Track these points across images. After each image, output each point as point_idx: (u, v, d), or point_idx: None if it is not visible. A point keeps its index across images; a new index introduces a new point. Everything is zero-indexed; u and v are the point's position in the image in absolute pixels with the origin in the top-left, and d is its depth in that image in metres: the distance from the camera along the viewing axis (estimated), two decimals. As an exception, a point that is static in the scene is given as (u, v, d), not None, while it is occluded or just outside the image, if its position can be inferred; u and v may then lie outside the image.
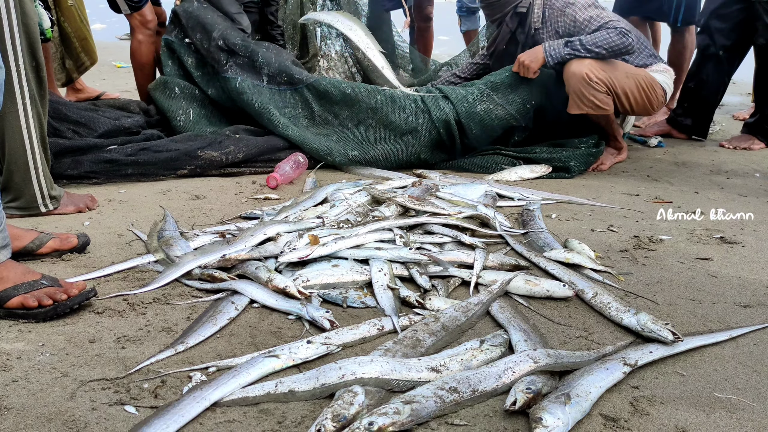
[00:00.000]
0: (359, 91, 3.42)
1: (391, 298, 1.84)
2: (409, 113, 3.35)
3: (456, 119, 3.32)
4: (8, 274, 1.72)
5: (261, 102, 3.45)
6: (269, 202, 2.83)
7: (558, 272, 2.05)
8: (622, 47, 3.16)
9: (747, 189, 3.22)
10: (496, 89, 3.40)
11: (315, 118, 3.49)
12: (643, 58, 3.46)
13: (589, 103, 3.24)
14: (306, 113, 3.51)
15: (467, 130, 3.35)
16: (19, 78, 2.31)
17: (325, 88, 3.45)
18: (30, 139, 2.40)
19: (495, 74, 3.48)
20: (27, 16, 2.31)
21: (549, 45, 3.26)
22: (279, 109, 3.46)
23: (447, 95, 3.39)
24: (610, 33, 3.14)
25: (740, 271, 2.16)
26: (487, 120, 3.36)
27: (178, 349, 1.57)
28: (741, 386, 1.49)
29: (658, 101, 3.43)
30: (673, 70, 3.56)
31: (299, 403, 1.39)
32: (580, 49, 3.18)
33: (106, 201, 2.78)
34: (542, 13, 3.41)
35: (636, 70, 3.35)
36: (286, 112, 3.47)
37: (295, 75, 3.51)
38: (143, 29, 3.95)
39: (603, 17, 3.20)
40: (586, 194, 3.04)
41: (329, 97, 3.45)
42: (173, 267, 2.01)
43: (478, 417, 1.35)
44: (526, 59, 3.30)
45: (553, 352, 1.52)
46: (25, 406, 1.35)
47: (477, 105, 3.35)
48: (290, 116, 3.48)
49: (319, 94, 3.47)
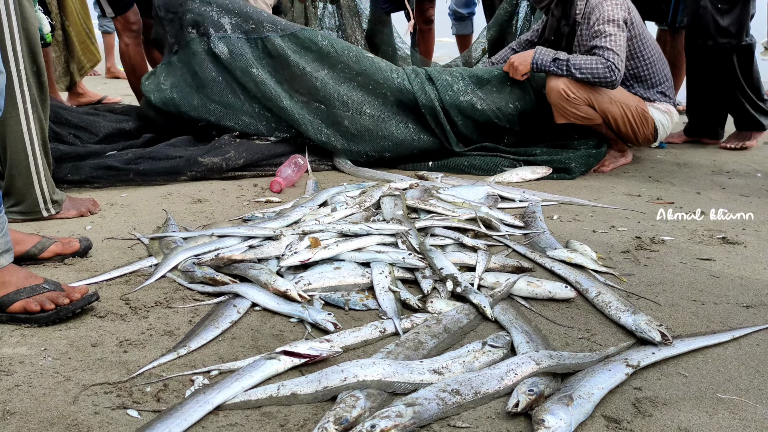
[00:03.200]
0: (343, 53, 3.36)
1: (392, 300, 1.84)
2: (396, 93, 3.35)
3: (441, 106, 3.33)
4: (10, 279, 1.73)
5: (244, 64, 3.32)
6: (271, 204, 2.84)
7: (563, 272, 2.05)
8: (604, 80, 3.14)
9: (749, 189, 3.21)
10: (481, 85, 3.40)
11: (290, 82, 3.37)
12: (652, 92, 3.42)
13: (573, 115, 3.27)
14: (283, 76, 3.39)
15: (453, 119, 3.37)
16: (20, 82, 2.31)
17: (303, 44, 3.35)
18: (32, 144, 2.40)
19: (484, 71, 3.48)
20: (27, 21, 2.32)
21: (540, 52, 3.25)
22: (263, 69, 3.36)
23: (433, 80, 3.37)
24: (598, 63, 3.12)
25: (742, 272, 2.16)
26: (470, 112, 3.38)
27: (180, 353, 1.57)
28: (744, 387, 1.49)
29: (644, 135, 3.40)
30: (677, 113, 3.54)
31: (302, 406, 1.39)
32: (563, 69, 3.18)
33: (108, 205, 2.78)
34: (583, 7, 3.33)
35: (628, 99, 3.32)
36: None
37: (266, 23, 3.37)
38: (128, 32, 3.99)
39: (608, 41, 3.13)
40: (588, 195, 3.04)
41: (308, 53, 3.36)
42: (167, 258, 2.08)
43: (480, 419, 1.35)
44: (516, 60, 3.31)
45: (555, 354, 1.52)
46: (28, 410, 1.35)
47: (460, 96, 3.36)
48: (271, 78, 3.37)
49: (296, 50, 3.35)
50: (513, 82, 3.40)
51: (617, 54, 3.12)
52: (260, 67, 3.33)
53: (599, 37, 3.16)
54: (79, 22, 4.91)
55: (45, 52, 4.19)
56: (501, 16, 4.42)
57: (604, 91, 3.24)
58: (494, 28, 4.44)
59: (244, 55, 3.31)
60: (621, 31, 3.17)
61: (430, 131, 3.41)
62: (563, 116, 3.29)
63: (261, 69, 3.33)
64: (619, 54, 3.12)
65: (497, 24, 4.43)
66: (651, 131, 3.40)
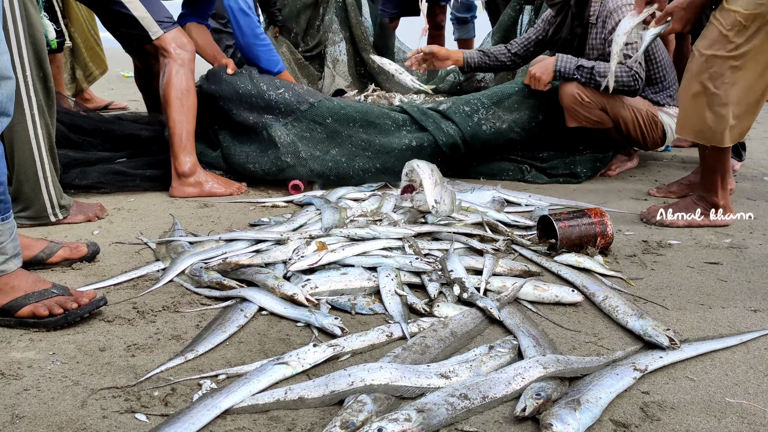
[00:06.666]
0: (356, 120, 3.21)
1: (399, 304, 1.84)
2: (411, 139, 3.21)
3: (462, 139, 3.24)
4: (19, 283, 1.73)
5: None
6: (278, 209, 2.84)
7: (570, 276, 2.06)
8: (628, 88, 3.11)
9: (755, 192, 3.20)
10: (502, 105, 3.30)
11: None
12: (662, 96, 3.41)
13: (585, 119, 3.24)
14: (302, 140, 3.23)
15: (472, 147, 3.29)
16: (27, 89, 2.33)
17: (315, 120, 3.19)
18: (39, 149, 2.42)
19: (503, 88, 3.38)
20: (33, 28, 2.33)
21: (562, 60, 3.20)
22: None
23: (449, 116, 3.25)
24: (624, 71, 3.07)
25: (750, 275, 2.15)
26: (492, 138, 3.28)
27: (188, 357, 1.57)
28: (752, 391, 1.48)
29: (653, 140, 3.38)
30: None
31: (309, 410, 1.39)
32: (587, 77, 3.14)
33: (115, 210, 2.79)
34: (598, 9, 3.29)
35: (638, 103, 3.30)
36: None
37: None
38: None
39: (629, 49, 3.09)
40: (594, 199, 3.03)
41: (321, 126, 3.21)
42: (174, 263, 2.10)
43: (488, 423, 1.34)
44: (537, 71, 3.24)
45: (562, 358, 1.52)
46: (37, 414, 1.35)
47: (482, 125, 3.25)
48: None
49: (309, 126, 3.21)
50: (532, 94, 3.31)
51: (640, 63, 3.10)
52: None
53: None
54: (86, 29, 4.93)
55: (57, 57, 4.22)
56: (505, 21, 4.43)
57: (618, 95, 3.22)
58: (498, 33, 4.45)
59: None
60: (639, 38, 3.15)
61: (443, 155, 3.28)
62: (575, 120, 3.27)
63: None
64: (641, 63, 3.11)
65: (501, 30, 4.43)
66: (660, 135, 3.39)
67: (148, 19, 2.95)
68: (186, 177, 3.00)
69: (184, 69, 2.99)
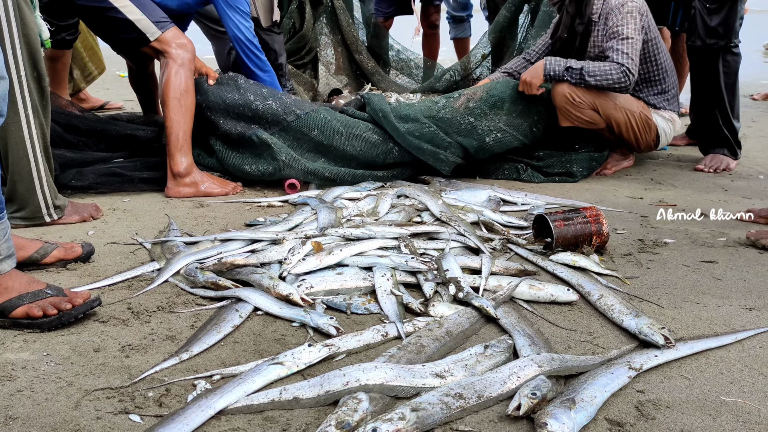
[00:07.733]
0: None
1: (394, 303, 1.84)
2: (395, 159, 3.19)
3: (466, 155, 3.23)
4: (13, 284, 1.73)
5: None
6: (273, 209, 2.84)
7: (566, 275, 2.06)
8: (618, 85, 3.12)
9: (751, 191, 3.21)
10: (503, 113, 3.25)
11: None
12: (659, 99, 3.41)
13: (577, 118, 3.25)
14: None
15: (476, 158, 3.28)
16: (21, 88, 2.32)
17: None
18: (33, 149, 2.41)
19: (501, 93, 3.29)
20: (27, 27, 2.32)
21: (550, 62, 3.19)
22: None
23: (448, 133, 3.18)
24: (612, 68, 3.08)
25: (745, 274, 2.15)
26: (496, 149, 3.27)
27: (182, 357, 1.57)
28: (747, 389, 1.48)
29: (646, 142, 3.39)
30: (679, 122, 3.52)
31: (304, 410, 1.38)
32: (577, 77, 3.15)
33: (110, 210, 2.78)
34: (600, 6, 3.29)
35: (632, 105, 3.30)
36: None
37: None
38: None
39: (624, 45, 3.11)
40: (590, 198, 3.03)
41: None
42: (169, 263, 2.09)
43: (483, 422, 1.34)
44: (528, 76, 3.23)
45: (557, 357, 1.52)
46: (30, 415, 1.35)
47: (485, 137, 3.22)
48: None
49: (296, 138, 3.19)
50: (530, 99, 3.29)
51: (632, 59, 3.10)
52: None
53: (616, 39, 3.14)
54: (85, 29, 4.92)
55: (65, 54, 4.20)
56: (500, 21, 4.43)
57: (610, 96, 3.22)
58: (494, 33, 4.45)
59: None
60: (638, 35, 3.16)
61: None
62: (567, 119, 3.28)
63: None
64: (633, 59, 3.11)
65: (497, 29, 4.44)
66: (653, 138, 3.39)
67: (144, 21, 2.95)
68: (182, 177, 3.00)
69: (183, 69, 2.98)
